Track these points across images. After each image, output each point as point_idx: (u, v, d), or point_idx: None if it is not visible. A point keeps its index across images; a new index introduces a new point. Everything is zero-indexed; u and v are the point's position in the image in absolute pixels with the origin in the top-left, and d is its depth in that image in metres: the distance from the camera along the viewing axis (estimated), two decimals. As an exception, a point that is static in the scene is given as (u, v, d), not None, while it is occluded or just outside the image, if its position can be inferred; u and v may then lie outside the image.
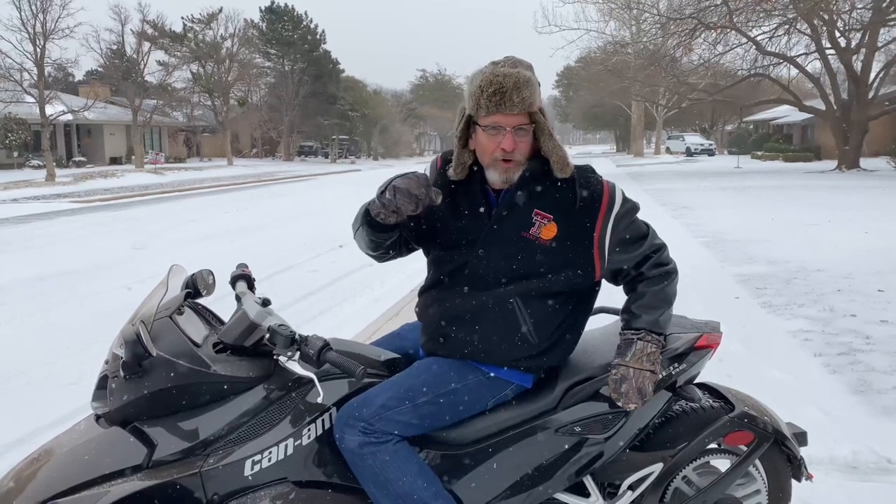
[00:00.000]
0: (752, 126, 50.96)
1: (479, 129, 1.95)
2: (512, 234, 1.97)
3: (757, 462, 2.25)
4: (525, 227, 1.96)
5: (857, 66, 24.80)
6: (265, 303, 2.05)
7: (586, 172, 2.03)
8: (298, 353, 1.85)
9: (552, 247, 1.96)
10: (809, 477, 2.30)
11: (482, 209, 2.00)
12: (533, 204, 1.97)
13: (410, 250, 2.18)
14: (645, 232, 2.06)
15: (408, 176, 1.85)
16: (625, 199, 2.03)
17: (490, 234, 1.98)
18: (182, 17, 48.28)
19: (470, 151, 2.02)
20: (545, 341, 2.01)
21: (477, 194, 2.02)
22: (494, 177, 1.97)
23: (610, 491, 2.17)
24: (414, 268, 2.26)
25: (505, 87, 1.87)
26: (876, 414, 3.67)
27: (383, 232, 1.98)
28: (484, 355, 2.01)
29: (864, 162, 25.77)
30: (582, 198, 1.97)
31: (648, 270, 2.05)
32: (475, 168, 2.03)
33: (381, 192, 1.86)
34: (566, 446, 2.03)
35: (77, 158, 38.06)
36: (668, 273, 2.06)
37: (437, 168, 2.13)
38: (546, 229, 1.96)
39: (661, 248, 2.08)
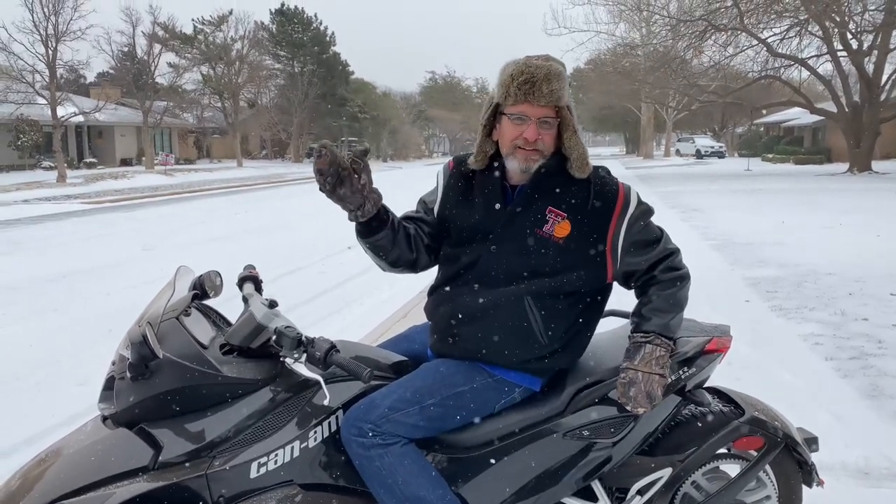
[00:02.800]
0: (762, 128, 50.74)
1: (505, 117, 1.96)
2: (525, 231, 1.96)
3: (767, 467, 2.23)
4: (539, 224, 1.96)
5: (869, 68, 24.62)
6: (272, 304, 2.04)
7: (602, 174, 2.03)
8: (305, 355, 1.85)
9: (565, 245, 1.95)
10: (821, 483, 2.28)
11: (497, 205, 2.00)
12: (548, 201, 1.97)
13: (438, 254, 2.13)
14: (658, 235, 2.05)
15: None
16: (639, 202, 2.02)
17: (503, 229, 1.97)
18: (193, 20, 48.66)
19: (493, 142, 2.03)
20: (556, 342, 2.00)
21: (495, 190, 2.01)
22: (514, 165, 1.97)
23: (618, 496, 2.15)
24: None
25: (536, 77, 1.89)
26: (888, 419, 3.63)
27: (371, 235, 1.92)
28: (493, 356, 2.00)
29: (876, 165, 25.60)
30: (597, 198, 1.97)
31: (661, 274, 2.03)
32: (496, 164, 2.03)
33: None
34: (574, 450, 2.02)
35: (88, 160, 38.30)
36: (680, 277, 2.05)
37: (450, 170, 2.14)
38: (560, 227, 1.95)
39: (675, 252, 2.07)
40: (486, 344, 1.99)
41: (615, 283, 2.10)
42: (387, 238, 1.96)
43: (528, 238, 1.96)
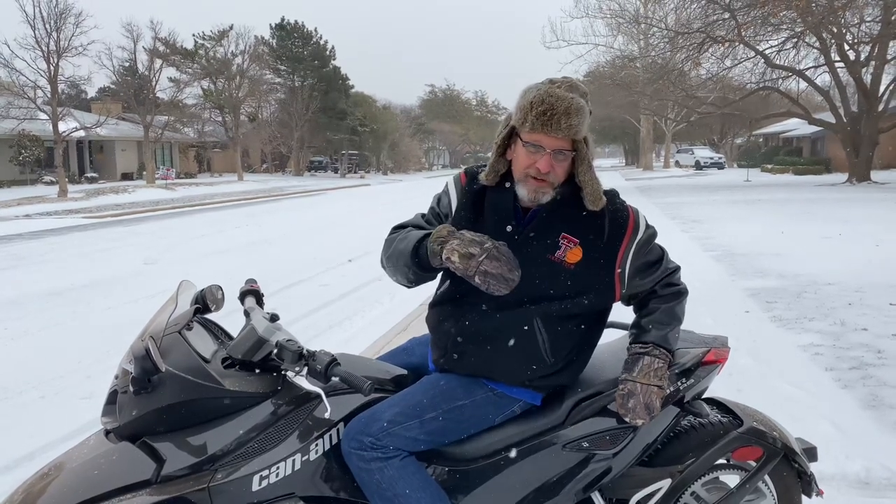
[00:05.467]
0: (761, 139, 50.89)
1: (521, 142, 1.94)
2: (538, 256, 1.96)
3: (766, 478, 2.24)
4: (551, 250, 1.96)
5: (867, 78, 24.72)
6: (273, 318, 2.06)
7: (612, 199, 2.03)
8: (306, 368, 1.86)
9: (576, 271, 1.96)
10: (820, 493, 2.28)
11: (510, 227, 1.99)
12: (562, 227, 1.97)
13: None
14: (661, 255, 2.09)
15: (493, 255, 1.79)
16: (647, 226, 2.04)
17: (515, 253, 1.95)
18: (193, 35, 48.76)
19: (506, 161, 2.02)
20: (560, 361, 2.02)
21: (507, 211, 2.01)
22: (523, 193, 1.98)
23: (618, 507, 2.16)
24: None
25: (556, 109, 1.85)
26: (888, 429, 3.64)
27: (436, 270, 1.95)
28: (497, 374, 2.01)
29: (875, 174, 25.64)
30: (609, 225, 1.98)
31: (660, 289, 2.07)
32: (507, 184, 2.03)
33: (469, 276, 1.81)
34: (574, 462, 2.03)
35: (89, 174, 38.37)
36: (678, 293, 2.09)
37: (461, 185, 2.11)
38: (571, 253, 1.96)
39: (675, 270, 2.12)
40: (491, 363, 2.01)
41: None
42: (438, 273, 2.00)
43: (540, 263, 1.96)
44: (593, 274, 1.97)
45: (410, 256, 1.92)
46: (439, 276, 2.13)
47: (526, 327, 1.97)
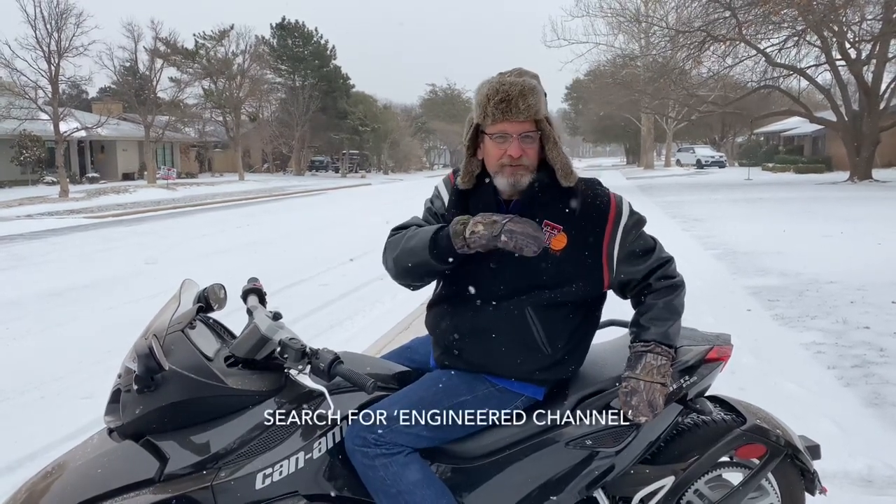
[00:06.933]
0: (762, 138, 50.82)
1: (487, 137, 1.97)
2: None
3: (770, 475, 2.23)
4: None
5: (868, 77, 24.70)
6: (276, 316, 2.06)
7: (593, 185, 2.05)
8: (309, 366, 1.87)
9: (563, 257, 1.97)
10: (823, 490, 2.28)
11: None
12: (543, 215, 1.99)
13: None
14: (652, 245, 2.08)
15: (515, 220, 1.84)
16: (632, 212, 2.04)
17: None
18: (194, 35, 48.76)
19: (478, 161, 2.05)
20: (558, 352, 2.02)
21: (489, 206, 2.02)
22: (503, 183, 1.99)
23: (621, 505, 2.16)
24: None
25: (511, 95, 1.90)
26: (891, 427, 3.63)
27: (451, 260, 1.94)
28: (498, 367, 2.02)
29: (877, 173, 25.62)
30: (590, 209, 1.99)
31: (655, 282, 2.06)
32: (486, 180, 2.04)
33: (494, 236, 1.83)
34: (577, 459, 2.03)
35: (90, 174, 38.38)
36: (675, 286, 2.07)
37: (451, 183, 2.14)
38: (556, 240, 1.97)
39: (669, 261, 2.10)
40: (491, 357, 2.01)
41: (610, 292, 2.12)
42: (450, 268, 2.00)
43: None
44: (580, 260, 1.98)
45: (429, 248, 1.92)
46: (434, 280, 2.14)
47: (519, 318, 1.98)
